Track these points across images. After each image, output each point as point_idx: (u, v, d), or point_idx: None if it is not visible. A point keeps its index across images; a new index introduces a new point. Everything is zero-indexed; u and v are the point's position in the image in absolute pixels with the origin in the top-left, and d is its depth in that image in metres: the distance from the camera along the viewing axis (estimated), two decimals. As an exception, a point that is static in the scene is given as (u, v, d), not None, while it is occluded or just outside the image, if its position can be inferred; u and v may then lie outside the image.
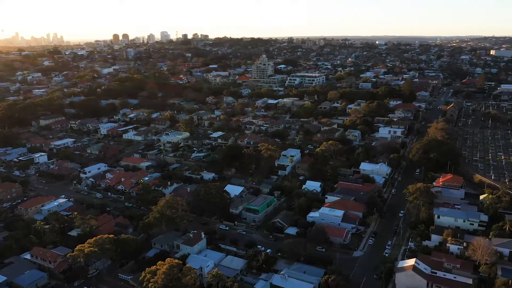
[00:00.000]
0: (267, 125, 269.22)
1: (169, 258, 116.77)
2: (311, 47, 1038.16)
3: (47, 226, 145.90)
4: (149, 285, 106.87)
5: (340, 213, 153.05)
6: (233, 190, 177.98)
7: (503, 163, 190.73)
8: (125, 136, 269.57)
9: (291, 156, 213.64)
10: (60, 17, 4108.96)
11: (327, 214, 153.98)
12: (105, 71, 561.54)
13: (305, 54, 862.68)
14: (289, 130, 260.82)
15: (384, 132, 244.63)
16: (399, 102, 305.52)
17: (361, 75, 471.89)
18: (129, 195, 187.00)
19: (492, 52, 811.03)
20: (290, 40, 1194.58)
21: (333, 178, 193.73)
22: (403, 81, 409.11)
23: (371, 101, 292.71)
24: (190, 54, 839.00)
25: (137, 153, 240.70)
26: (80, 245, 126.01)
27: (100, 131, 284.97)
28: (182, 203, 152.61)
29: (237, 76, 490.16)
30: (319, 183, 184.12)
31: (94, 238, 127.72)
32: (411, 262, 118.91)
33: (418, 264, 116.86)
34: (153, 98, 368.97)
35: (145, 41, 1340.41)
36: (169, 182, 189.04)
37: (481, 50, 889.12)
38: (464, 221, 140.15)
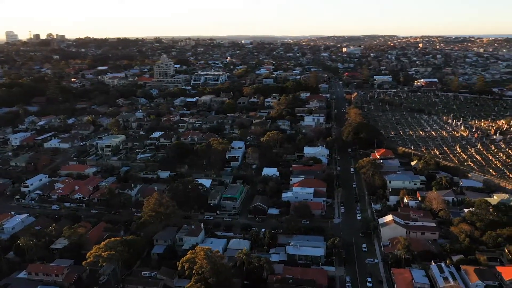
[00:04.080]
0: (200, 122, 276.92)
1: (198, 247, 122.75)
2: (184, 47, 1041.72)
3: (31, 242, 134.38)
4: (194, 271, 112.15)
5: (311, 190, 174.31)
6: (203, 183, 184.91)
7: (414, 137, 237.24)
8: (46, 145, 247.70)
9: (239, 147, 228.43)
10: None
11: (300, 192, 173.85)
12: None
13: (180, 53, 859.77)
14: (223, 125, 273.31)
15: (308, 120, 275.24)
16: (307, 94, 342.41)
17: (256, 72, 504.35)
18: (90, 202, 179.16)
19: (344, 49, 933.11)
20: (159, 40, 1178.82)
21: (284, 163, 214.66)
22: (299, 76, 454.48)
23: (287, 94, 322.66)
24: (57, 56, 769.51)
25: (72, 160, 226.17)
26: (92, 251, 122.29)
27: (10, 142, 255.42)
28: (167, 199, 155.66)
29: (136, 77, 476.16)
30: (275, 169, 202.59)
31: (103, 243, 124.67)
32: (389, 218, 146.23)
33: (396, 218, 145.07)
34: (56, 103, 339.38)
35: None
36: (132, 184, 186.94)
37: (333, 48, 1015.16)
38: (409, 182, 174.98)
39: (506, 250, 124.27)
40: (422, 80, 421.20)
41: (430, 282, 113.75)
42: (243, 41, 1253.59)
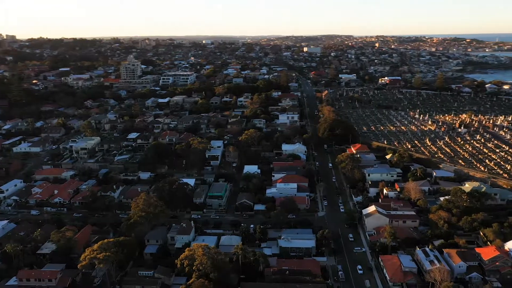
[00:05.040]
0: (175, 123, 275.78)
1: (195, 244, 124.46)
2: (145, 47, 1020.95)
3: (18, 248, 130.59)
4: (194, 268, 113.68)
5: (294, 185, 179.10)
6: (188, 182, 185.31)
7: (385, 132, 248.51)
8: (15, 149, 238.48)
9: (218, 146, 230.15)
10: None
11: (284, 187, 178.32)
12: None
13: (141, 54, 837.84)
14: (199, 125, 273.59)
15: (283, 118, 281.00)
16: (279, 92, 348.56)
17: (224, 72, 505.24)
18: (72, 206, 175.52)
19: (305, 49, 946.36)
20: (117, 40, 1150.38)
21: (263, 160, 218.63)
22: (267, 76, 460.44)
23: (259, 93, 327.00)
24: (11, 58, 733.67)
25: (45, 164, 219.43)
26: (86, 254, 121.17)
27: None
28: (155, 199, 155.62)
29: (101, 79, 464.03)
30: (256, 166, 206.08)
31: (96, 245, 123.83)
32: (372, 208, 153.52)
33: (379, 209, 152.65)
34: (20, 106, 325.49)
35: None
36: (114, 186, 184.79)
37: (294, 47, 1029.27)
38: (387, 175, 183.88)
39: (481, 233, 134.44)
40: (386, 78, 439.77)
41: (417, 266, 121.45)
42: (204, 41, 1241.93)
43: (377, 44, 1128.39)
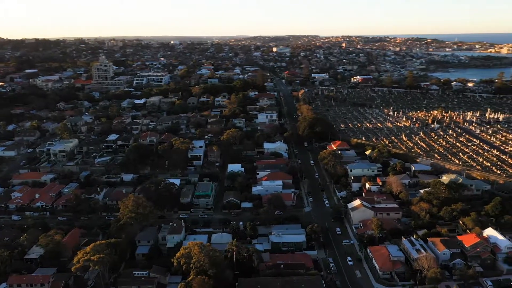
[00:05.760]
0: (154, 123, 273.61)
1: (190, 242, 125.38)
2: (112, 48, 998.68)
3: (5, 254, 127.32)
4: (191, 265, 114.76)
5: (279, 182, 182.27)
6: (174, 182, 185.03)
7: (363, 129, 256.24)
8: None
9: (200, 146, 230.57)
10: None
11: (269, 185, 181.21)
12: None
13: (108, 55, 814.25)
14: (178, 125, 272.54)
15: (262, 117, 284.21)
16: (256, 92, 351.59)
17: (198, 72, 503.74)
18: (55, 209, 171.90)
19: (274, 49, 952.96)
20: (82, 41, 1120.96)
21: (246, 159, 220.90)
22: (241, 76, 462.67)
23: (236, 93, 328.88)
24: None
25: (22, 168, 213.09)
26: (79, 256, 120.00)
27: None
28: (143, 200, 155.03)
29: (72, 80, 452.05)
30: (239, 165, 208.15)
31: (89, 247, 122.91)
32: (357, 202, 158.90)
33: (364, 202, 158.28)
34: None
35: None
36: (98, 188, 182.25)
37: (263, 47, 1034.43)
38: (368, 170, 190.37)
39: (461, 222, 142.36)
40: (358, 77, 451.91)
41: (404, 255, 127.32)
42: (172, 42, 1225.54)
43: (344, 44, 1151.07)
